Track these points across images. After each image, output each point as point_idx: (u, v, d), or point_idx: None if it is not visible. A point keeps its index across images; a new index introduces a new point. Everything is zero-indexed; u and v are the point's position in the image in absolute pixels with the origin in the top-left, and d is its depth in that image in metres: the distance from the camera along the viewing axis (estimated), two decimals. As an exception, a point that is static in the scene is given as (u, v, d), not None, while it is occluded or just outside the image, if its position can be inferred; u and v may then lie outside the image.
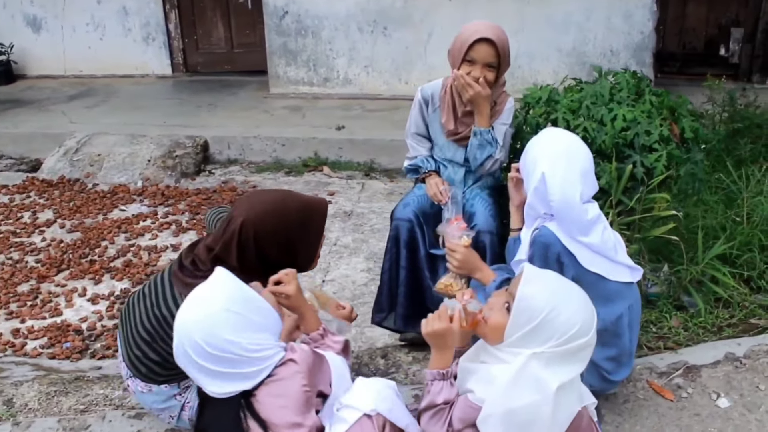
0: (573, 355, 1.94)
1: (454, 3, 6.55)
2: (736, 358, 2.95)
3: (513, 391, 1.97)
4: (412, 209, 3.11)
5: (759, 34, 7.23)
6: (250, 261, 2.44)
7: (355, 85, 6.89)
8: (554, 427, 1.99)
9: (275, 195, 2.59)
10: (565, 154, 2.47)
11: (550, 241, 2.44)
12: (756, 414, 2.70)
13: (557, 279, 2.09)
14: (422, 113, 3.33)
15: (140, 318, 2.53)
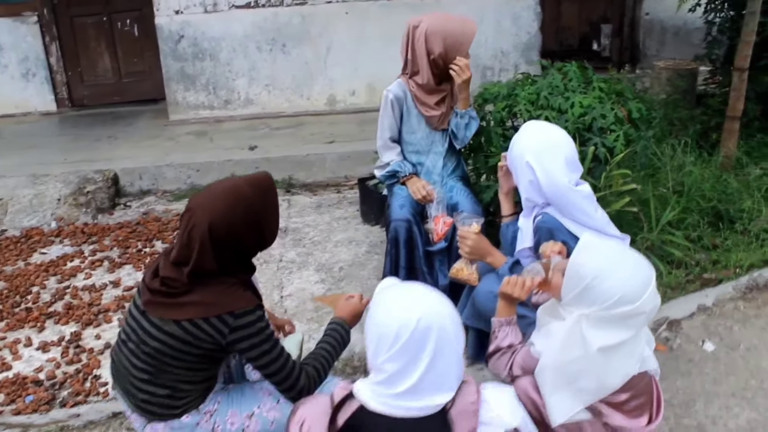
0: (620, 321, 2.18)
1: (350, 16, 6.79)
2: (707, 307, 3.41)
3: (563, 347, 2.22)
4: (408, 210, 3.34)
5: (626, 29, 7.98)
6: (228, 258, 2.44)
7: (257, 105, 6.97)
8: (603, 385, 2.25)
9: (224, 187, 2.56)
10: (548, 146, 2.76)
11: (554, 225, 2.72)
12: (738, 351, 3.14)
13: (610, 250, 2.32)
14: (394, 114, 3.55)
15: (132, 363, 2.50)
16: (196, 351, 2.40)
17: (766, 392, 2.93)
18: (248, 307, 2.39)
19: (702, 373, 3.04)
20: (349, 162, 5.94)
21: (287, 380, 2.46)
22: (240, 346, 2.39)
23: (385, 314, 1.97)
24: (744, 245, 3.90)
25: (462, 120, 3.48)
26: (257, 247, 2.51)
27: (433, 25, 3.41)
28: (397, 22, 6.70)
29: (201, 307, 2.36)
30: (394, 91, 3.58)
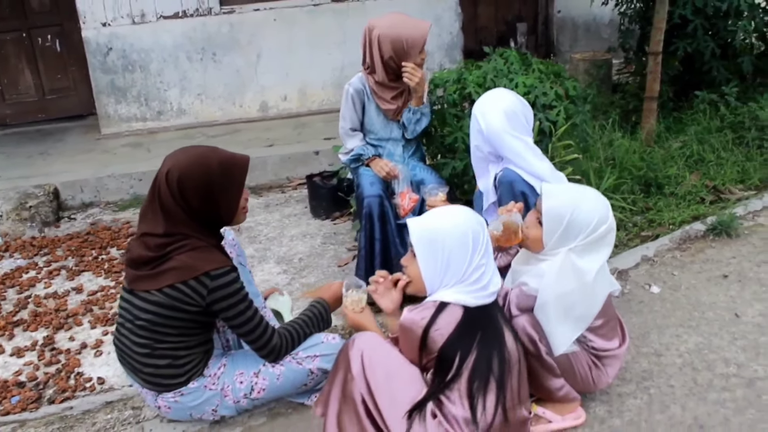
0: (600, 241, 2.69)
1: (278, 23, 7.17)
2: (649, 258, 3.97)
3: (559, 281, 2.68)
4: (378, 187, 3.76)
5: (540, 26, 8.67)
6: (185, 211, 2.72)
7: (190, 115, 7.24)
8: (592, 310, 2.74)
9: (199, 149, 2.88)
10: (490, 99, 3.36)
11: (513, 178, 3.23)
12: (680, 291, 3.71)
13: (570, 188, 2.86)
14: (354, 107, 3.95)
15: (132, 341, 2.83)
16: (184, 315, 2.74)
17: (708, 321, 3.49)
18: (223, 267, 2.72)
19: (652, 311, 3.58)
20: (290, 163, 6.31)
21: (261, 339, 2.84)
22: (219, 306, 2.72)
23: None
24: (674, 206, 4.52)
25: (413, 116, 3.92)
26: (210, 216, 2.78)
27: (385, 29, 3.82)
28: (325, 26, 7.23)
29: (178, 272, 2.69)
30: (354, 85, 3.98)
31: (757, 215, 4.45)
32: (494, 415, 2.43)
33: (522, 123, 3.31)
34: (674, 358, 3.25)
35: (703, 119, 5.45)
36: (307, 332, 3.02)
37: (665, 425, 2.86)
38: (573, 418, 2.89)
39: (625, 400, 3.01)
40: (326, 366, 2.96)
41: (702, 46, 5.64)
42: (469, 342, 2.47)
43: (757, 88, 5.89)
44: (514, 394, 2.52)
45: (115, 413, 3.22)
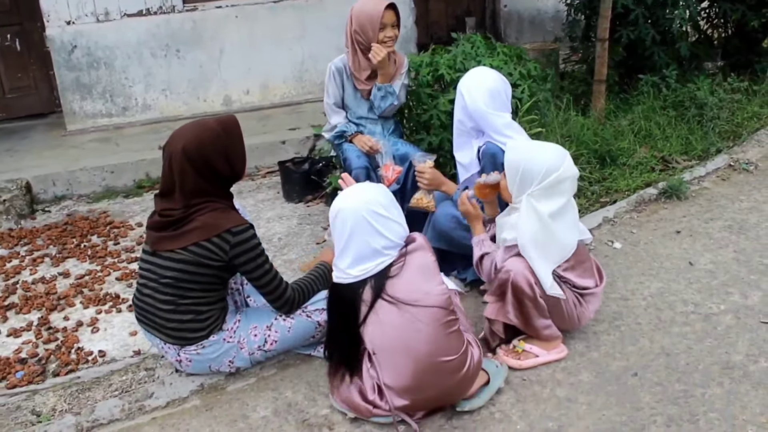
0: (554, 188, 3.08)
1: (240, 19, 7.42)
2: (610, 219, 4.42)
3: (527, 223, 3.08)
4: (365, 159, 4.09)
5: (488, 20, 9.11)
6: (208, 180, 3.03)
7: (155, 110, 7.42)
8: (563, 247, 3.13)
9: (193, 122, 3.13)
10: (475, 77, 3.69)
11: (495, 150, 3.59)
12: (640, 246, 4.15)
13: (528, 143, 3.28)
14: (336, 83, 4.27)
15: (156, 299, 3.12)
16: (208, 271, 3.04)
17: (666, 269, 3.93)
18: (243, 224, 3.05)
19: (617, 263, 3.99)
20: (258, 153, 6.55)
21: (277, 291, 3.17)
22: (240, 260, 3.03)
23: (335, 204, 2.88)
24: (627, 175, 4.98)
25: (379, 93, 4.26)
26: (231, 175, 3.11)
27: (356, 6, 4.20)
28: (285, 23, 7.53)
29: (202, 230, 3.00)
30: (335, 64, 4.31)
31: (701, 180, 4.95)
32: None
33: (503, 101, 3.67)
34: (639, 300, 3.67)
35: (648, 100, 5.91)
36: (314, 289, 3.35)
37: (636, 355, 3.26)
38: (557, 352, 3.27)
39: (600, 336, 3.41)
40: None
41: (643, 34, 6.09)
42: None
43: (693, 71, 6.40)
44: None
45: (129, 375, 3.44)
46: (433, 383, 2.83)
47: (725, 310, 3.55)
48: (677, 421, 2.86)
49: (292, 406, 3.11)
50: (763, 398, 2.95)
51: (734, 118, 5.76)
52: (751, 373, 3.11)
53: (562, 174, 3.09)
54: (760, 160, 5.21)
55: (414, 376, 2.80)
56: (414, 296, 2.76)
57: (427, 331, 2.76)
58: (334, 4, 7.61)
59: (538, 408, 2.99)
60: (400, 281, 2.78)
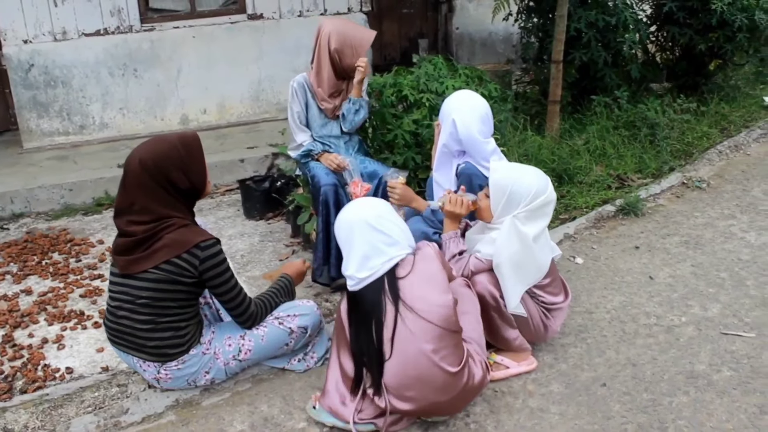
0: (539, 210, 3.13)
1: (197, 40, 7.38)
2: (571, 235, 4.49)
3: (507, 243, 3.11)
4: (333, 176, 4.09)
5: (440, 42, 9.22)
6: (166, 190, 2.99)
7: (112, 129, 7.32)
8: (539, 268, 3.18)
9: (155, 138, 3.09)
10: (466, 104, 3.70)
11: (473, 171, 3.64)
12: (600, 261, 4.23)
13: (513, 165, 3.29)
14: (299, 101, 4.28)
15: (134, 320, 3.07)
16: (182, 287, 3.01)
17: (627, 283, 4.02)
18: (211, 239, 3.03)
19: (579, 278, 4.06)
20: (216, 171, 6.51)
21: (241, 306, 3.17)
22: (208, 275, 3.01)
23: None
24: (585, 192, 5.07)
25: (353, 106, 4.29)
26: (190, 189, 3.05)
27: (336, 27, 4.22)
28: (242, 43, 7.52)
29: (171, 248, 2.97)
30: (297, 81, 4.32)
31: (657, 197, 5.08)
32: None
33: (490, 125, 3.72)
34: (603, 314, 3.74)
35: (601, 120, 6.05)
36: (277, 302, 3.35)
37: (604, 366, 3.32)
38: (527, 364, 3.31)
39: (567, 349, 3.46)
40: (305, 323, 3.30)
41: (595, 56, 6.25)
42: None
43: (644, 92, 6.57)
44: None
45: (101, 391, 3.36)
46: (420, 392, 2.83)
47: (686, 322, 3.64)
48: (647, 429, 2.91)
49: (268, 420, 3.09)
50: (728, 406, 3.02)
51: (684, 137, 5.93)
52: (715, 381, 3.19)
53: (548, 197, 3.15)
54: (711, 178, 5.37)
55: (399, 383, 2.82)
56: (418, 305, 2.77)
57: (420, 339, 2.77)
58: (290, 26, 7.66)
59: (512, 418, 3.02)
60: (407, 283, 2.79)
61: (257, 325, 3.26)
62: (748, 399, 3.07)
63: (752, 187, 5.22)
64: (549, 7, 6.42)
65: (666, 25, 6.81)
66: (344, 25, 4.28)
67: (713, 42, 6.51)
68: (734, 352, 3.39)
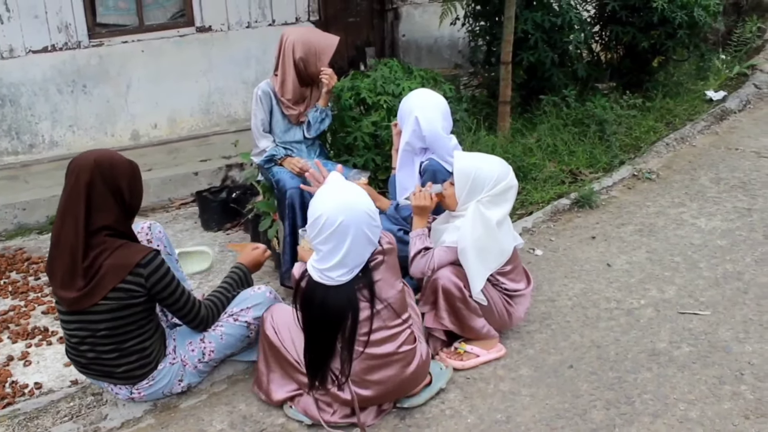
0: (502, 196, 3.29)
1: (146, 54, 7.39)
2: (529, 229, 4.68)
3: (472, 228, 3.27)
4: (298, 180, 4.17)
5: (387, 49, 9.37)
6: (113, 194, 2.94)
7: (62, 146, 7.26)
8: (502, 252, 3.33)
9: (97, 151, 3.10)
10: (428, 102, 3.87)
11: (437, 167, 3.79)
12: (559, 252, 4.41)
13: (476, 154, 3.46)
14: (263, 107, 4.37)
15: (98, 351, 3.08)
16: (137, 308, 3.03)
17: (586, 271, 4.21)
18: (149, 253, 3.01)
19: (540, 269, 4.23)
20: (171, 185, 6.56)
21: (191, 312, 3.19)
22: (157, 288, 3.01)
23: (320, 205, 2.89)
24: (540, 188, 5.26)
25: (320, 115, 4.42)
26: (129, 203, 3.03)
27: (300, 35, 4.33)
28: (191, 56, 7.57)
29: (113, 274, 2.94)
30: (262, 88, 4.41)
31: (609, 190, 5.29)
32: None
33: (450, 122, 3.90)
34: (565, 301, 3.91)
35: (551, 118, 6.24)
36: (229, 297, 3.38)
37: (569, 349, 3.48)
38: (496, 351, 3.46)
39: (533, 335, 3.62)
40: (260, 314, 3.32)
41: (543, 56, 6.44)
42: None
43: (590, 91, 6.80)
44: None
45: (76, 401, 3.40)
46: (381, 374, 2.96)
47: (645, 305, 3.83)
48: (615, 404, 3.08)
49: (247, 418, 3.18)
50: (689, 379, 3.21)
51: (632, 132, 6.16)
52: (675, 357, 3.37)
53: (509, 182, 3.31)
54: (660, 170, 5.60)
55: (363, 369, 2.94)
56: (386, 294, 2.91)
57: (387, 325, 2.92)
58: (238, 38, 7.72)
59: (485, 402, 3.16)
60: (377, 275, 2.92)
61: (211, 326, 3.28)
62: (708, 371, 3.26)
63: (699, 176, 5.48)
64: (495, 10, 6.60)
65: (609, 25, 7.05)
66: (308, 33, 4.40)
67: (655, 39, 6.76)
68: (692, 330, 3.58)
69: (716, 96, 7.01)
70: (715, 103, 6.90)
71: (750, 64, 7.78)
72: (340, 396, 2.97)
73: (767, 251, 4.32)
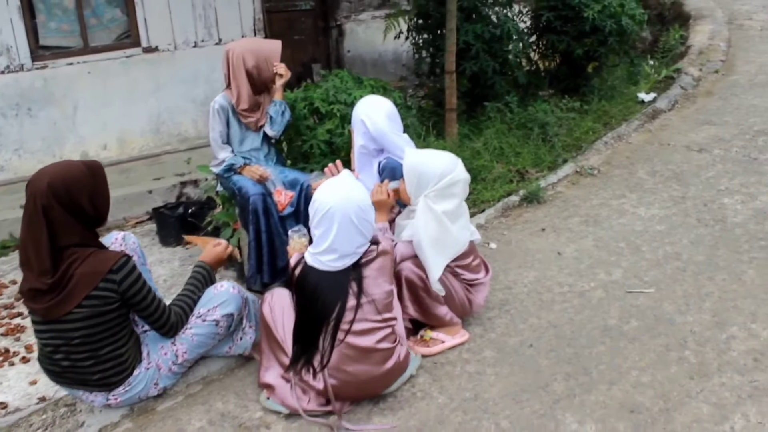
0: (448, 190, 3.52)
1: (93, 75, 7.47)
2: (482, 225, 4.96)
3: (423, 223, 3.50)
4: (260, 187, 4.36)
5: (333, 65, 9.61)
6: (73, 214, 2.96)
7: (8, 171, 7.27)
8: (457, 241, 3.56)
9: (57, 162, 3.12)
10: (372, 105, 4.11)
11: (395, 165, 4.03)
12: (512, 245, 4.71)
13: (423, 152, 3.71)
14: (220, 120, 4.54)
15: (73, 359, 3.14)
16: (111, 315, 3.09)
17: (539, 260, 4.49)
18: (119, 259, 3.07)
19: (495, 260, 4.49)
20: (125, 204, 6.65)
21: (162, 318, 3.26)
22: (129, 293, 3.08)
23: (319, 193, 3.15)
24: (489, 187, 5.54)
25: (279, 108, 4.61)
26: (95, 216, 3.08)
27: (245, 46, 4.53)
28: (138, 77, 7.71)
29: (85, 283, 3.00)
30: (219, 102, 4.57)
31: (555, 186, 5.61)
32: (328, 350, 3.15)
33: (398, 122, 4.14)
34: (521, 288, 4.17)
35: (495, 123, 6.56)
36: (195, 298, 3.45)
37: (528, 331, 3.74)
38: (460, 336, 3.69)
39: (493, 320, 3.86)
40: (227, 310, 3.44)
41: (485, 66, 6.76)
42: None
43: (531, 97, 7.15)
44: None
45: (48, 413, 3.44)
46: (356, 367, 3.16)
47: (595, 287, 4.12)
48: (574, 376, 3.33)
49: (225, 415, 3.32)
50: (639, 349, 3.50)
51: (572, 133, 6.51)
52: (625, 331, 3.66)
53: (455, 177, 3.53)
54: (601, 165, 5.95)
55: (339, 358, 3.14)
56: (372, 290, 3.14)
57: (369, 320, 3.15)
58: (185, 57, 7.87)
59: (453, 383, 3.38)
60: (367, 271, 3.15)
61: (180, 332, 3.35)
62: (655, 341, 3.55)
63: (637, 170, 5.84)
64: (437, 23, 6.91)
65: (545, 34, 7.44)
66: (251, 43, 4.61)
67: (588, 47, 7.16)
68: (639, 306, 3.88)
69: (647, 98, 7.46)
70: (647, 104, 7.34)
71: (676, 68, 8.28)
72: (315, 386, 3.16)
73: (701, 233, 4.67)
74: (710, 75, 8.26)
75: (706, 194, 5.27)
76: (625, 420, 3.04)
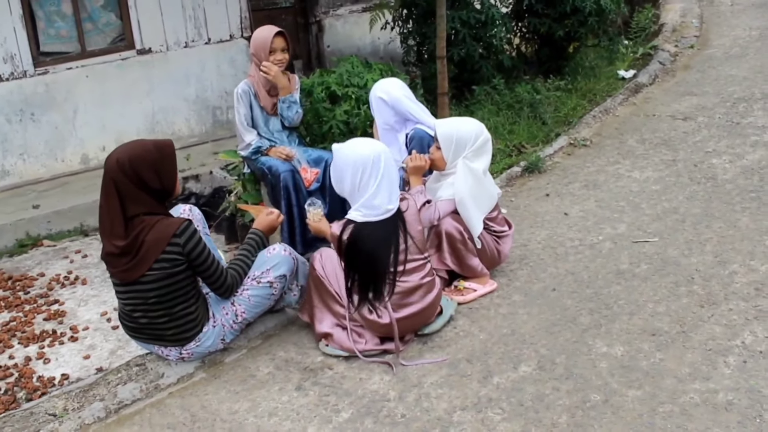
0: (482, 148, 4.05)
1: (91, 78, 7.82)
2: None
3: (464, 181, 3.99)
4: (287, 164, 4.79)
5: (314, 61, 10.04)
6: (139, 186, 3.39)
7: (14, 175, 7.58)
8: (491, 196, 4.10)
9: (132, 141, 3.59)
10: (388, 84, 4.69)
11: (423, 135, 4.55)
12: (521, 209, 5.22)
13: (452, 118, 4.22)
14: (244, 103, 4.97)
15: (150, 317, 3.59)
16: (180, 276, 3.52)
17: (548, 221, 5.04)
18: (182, 224, 3.44)
19: (508, 223, 5.00)
20: (131, 202, 7.00)
21: (220, 279, 3.67)
22: (193, 255, 3.50)
23: (348, 159, 3.62)
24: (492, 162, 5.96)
25: (284, 104, 5.03)
26: (161, 189, 3.48)
27: (253, 36, 5.04)
28: (133, 78, 8.10)
29: (154, 248, 3.40)
30: (241, 87, 5.01)
31: (552, 157, 6.18)
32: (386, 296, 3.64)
33: (410, 91, 4.66)
34: (536, 245, 4.69)
35: (486, 105, 7.07)
36: (250, 262, 3.86)
37: (549, 278, 4.25)
38: (489, 285, 4.20)
39: (516, 272, 4.37)
40: (280, 272, 3.84)
41: (471, 50, 7.26)
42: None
43: (516, 79, 7.68)
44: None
45: (122, 372, 3.78)
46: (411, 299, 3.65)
47: (603, 240, 4.66)
48: (597, 311, 3.86)
49: (289, 361, 3.78)
50: (651, 286, 4.05)
51: (560, 110, 7.06)
52: (637, 273, 4.20)
53: (486, 136, 4.08)
54: (592, 137, 6.54)
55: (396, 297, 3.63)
56: (412, 231, 3.66)
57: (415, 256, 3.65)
58: (177, 58, 8.25)
59: (491, 323, 3.88)
60: (406, 216, 3.66)
61: (236, 293, 3.77)
62: (665, 279, 4.10)
63: (627, 139, 6.44)
64: (424, 11, 7.39)
65: (527, 17, 7.99)
66: (256, 33, 5.07)
67: (569, 28, 7.71)
68: (646, 252, 4.43)
69: (627, 75, 8.07)
70: (629, 80, 7.95)
71: (652, 45, 8.92)
72: (378, 321, 3.62)
73: (694, 190, 5.25)
74: (686, 50, 8.92)
75: (695, 156, 5.86)
76: (648, 342, 3.57)
